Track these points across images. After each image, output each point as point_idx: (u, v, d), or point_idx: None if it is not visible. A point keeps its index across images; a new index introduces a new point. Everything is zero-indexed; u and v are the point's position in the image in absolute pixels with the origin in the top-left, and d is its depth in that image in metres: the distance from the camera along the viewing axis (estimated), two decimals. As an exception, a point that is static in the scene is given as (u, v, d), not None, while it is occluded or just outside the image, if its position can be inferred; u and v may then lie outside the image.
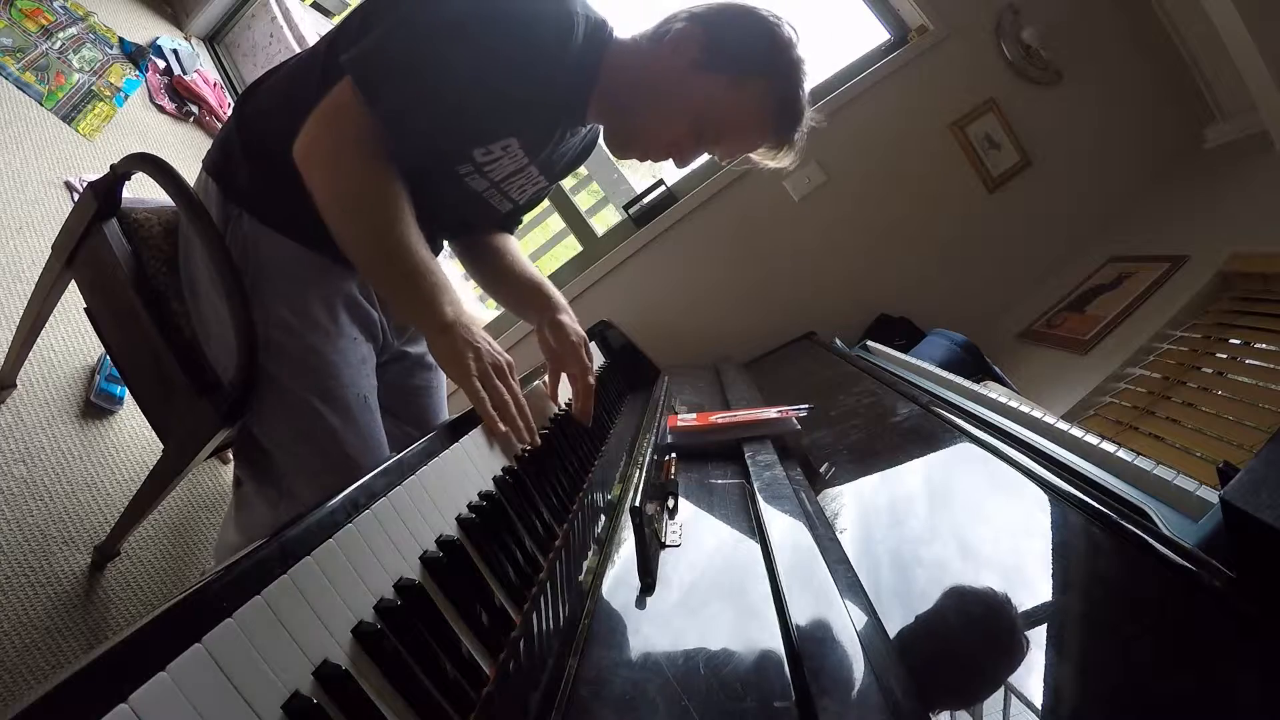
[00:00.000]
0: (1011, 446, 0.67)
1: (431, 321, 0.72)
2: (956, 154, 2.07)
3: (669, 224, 1.99)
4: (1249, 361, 1.36)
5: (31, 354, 1.21)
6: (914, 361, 1.36)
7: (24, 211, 1.45)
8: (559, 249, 2.69)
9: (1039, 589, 0.49)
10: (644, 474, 0.69)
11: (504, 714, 0.43)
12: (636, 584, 0.57)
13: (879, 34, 2.13)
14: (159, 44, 2.14)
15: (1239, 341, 1.43)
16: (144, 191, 0.97)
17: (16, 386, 1.25)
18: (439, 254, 1.05)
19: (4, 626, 1.03)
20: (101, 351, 1.40)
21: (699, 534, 0.67)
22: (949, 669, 0.45)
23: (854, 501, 0.75)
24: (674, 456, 0.85)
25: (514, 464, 0.69)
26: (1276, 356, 1.30)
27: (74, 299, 1.03)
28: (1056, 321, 1.87)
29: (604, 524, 0.74)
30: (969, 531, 0.60)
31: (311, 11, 2.71)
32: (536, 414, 0.76)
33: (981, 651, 0.46)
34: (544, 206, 2.15)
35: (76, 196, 1.56)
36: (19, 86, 1.66)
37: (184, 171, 0.86)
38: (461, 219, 1.01)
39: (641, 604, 0.55)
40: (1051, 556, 0.51)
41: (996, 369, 1.64)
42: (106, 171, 0.90)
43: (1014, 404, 0.89)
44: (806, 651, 0.43)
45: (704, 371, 1.69)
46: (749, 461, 0.82)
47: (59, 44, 1.82)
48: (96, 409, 1.35)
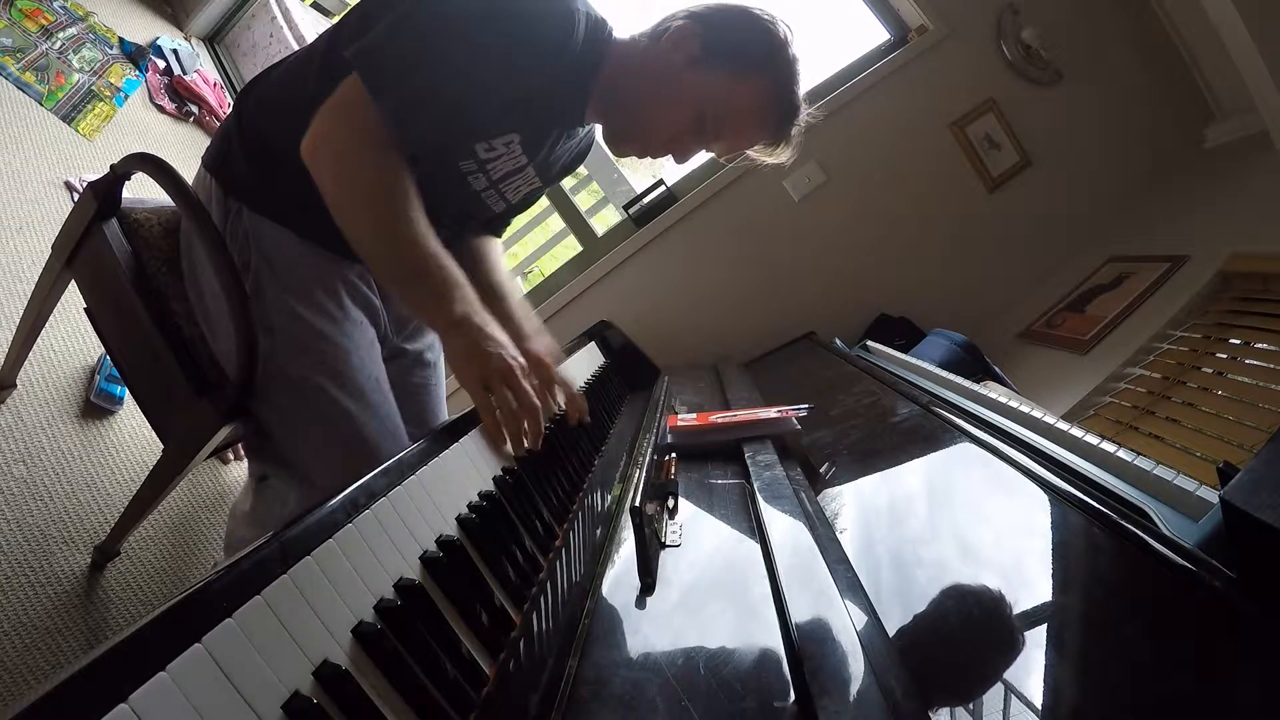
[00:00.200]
0: (1011, 446, 0.67)
1: (441, 318, 0.71)
2: (956, 154, 2.07)
3: (669, 224, 1.99)
4: (1249, 361, 1.36)
5: (31, 354, 1.21)
6: (914, 361, 1.36)
7: (24, 211, 1.45)
8: (559, 249, 2.68)
9: (1039, 589, 0.49)
10: (644, 474, 0.69)
11: (504, 714, 0.43)
12: (636, 584, 0.57)
13: (879, 34, 2.13)
14: (159, 44, 2.14)
15: (1239, 341, 1.43)
16: (144, 191, 0.97)
17: (16, 386, 1.25)
18: None
19: (4, 626, 1.03)
20: (101, 351, 1.40)
21: (699, 534, 0.67)
22: (949, 669, 0.45)
23: (854, 501, 0.75)
24: (674, 456, 0.85)
25: (514, 464, 0.69)
26: (1276, 356, 1.30)
27: (74, 299, 1.03)
28: (1056, 321, 1.87)
29: (604, 524, 0.73)
30: (969, 531, 0.60)
31: (311, 11, 2.72)
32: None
33: (981, 652, 0.46)
34: (544, 206, 2.15)
35: (76, 196, 1.56)
36: (19, 86, 1.66)
37: (184, 172, 0.86)
38: (459, 219, 1.01)
39: (641, 604, 0.55)
40: (1051, 556, 0.51)
41: (996, 369, 1.64)
42: (106, 171, 0.90)
43: (1014, 404, 0.89)
44: (806, 651, 0.43)
45: (704, 371, 1.69)
46: (749, 461, 0.82)
47: (59, 44, 1.82)
48: (96, 409, 1.35)
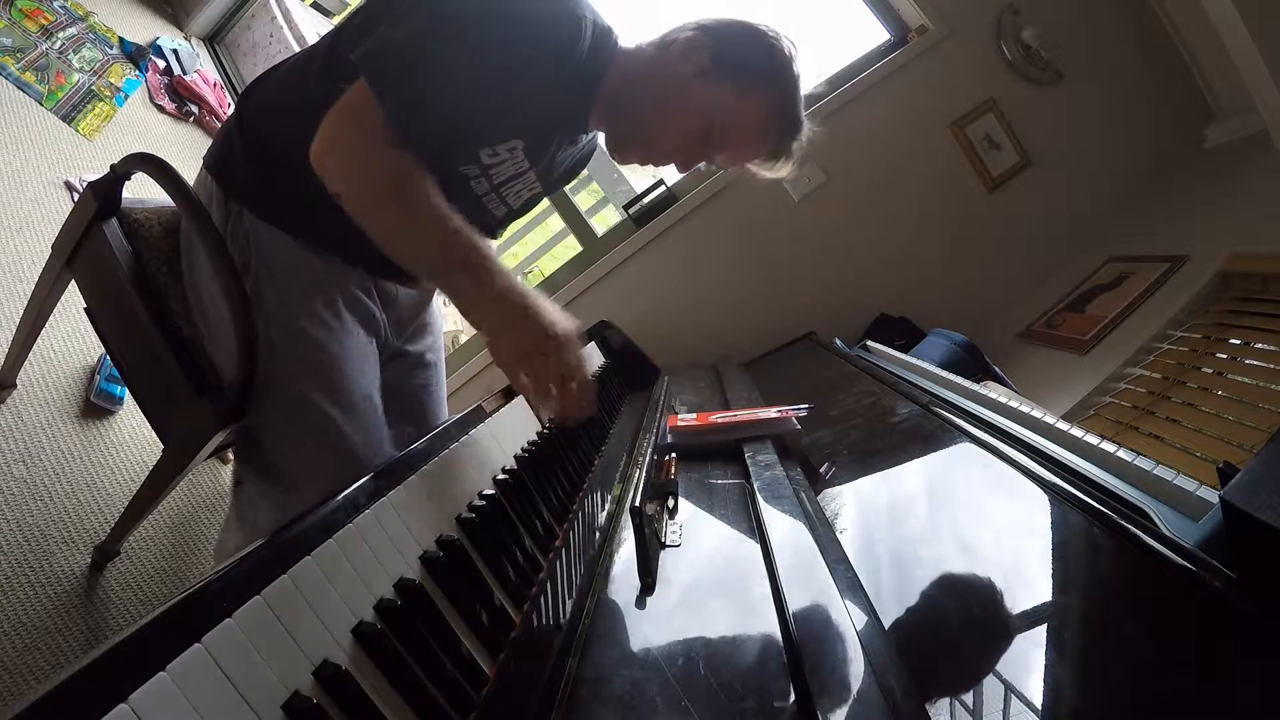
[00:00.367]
0: (1011, 446, 0.67)
1: (483, 297, 0.68)
2: (956, 154, 2.07)
3: (669, 224, 1.99)
4: (1249, 361, 1.36)
5: (31, 354, 1.21)
6: (914, 361, 1.36)
7: (24, 211, 1.45)
8: (559, 249, 2.69)
9: (1039, 589, 0.49)
10: (644, 474, 0.69)
11: (504, 714, 0.43)
12: (636, 584, 0.57)
13: (879, 34, 2.13)
14: (159, 44, 2.14)
15: (1239, 341, 1.43)
16: (144, 191, 0.97)
17: (16, 386, 1.25)
18: None
19: (4, 626, 1.03)
20: (101, 351, 1.40)
21: (699, 534, 0.67)
22: (949, 669, 0.45)
23: (854, 501, 0.75)
24: (674, 456, 0.85)
25: (514, 464, 0.69)
26: (1276, 356, 1.30)
27: (74, 299, 1.03)
28: (1056, 321, 1.87)
29: (604, 524, 0.73)
30: (969, 531, 0.60)
31: (311, 11, 2.72)
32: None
33: (981, 651, 0.46)
34: (544, 206, 2.15)
35: (76, 196, 1.56)
36: (19, 86, 1.66)
37: (184, 172, 0.86)
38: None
39: (641, 604, 0.56)
40: (1051, 556, 0.51)
41: (996, 369, 1.64)
42: (106, 171, 0.90)
43: (1014, 404, 0.89)
44: (806, 651, 0.43)
45: (704, 371, 1.69)
46: (749, 461, 0.82)
47: (59, 44, 1.82)
48: (96, 409, 1.35)
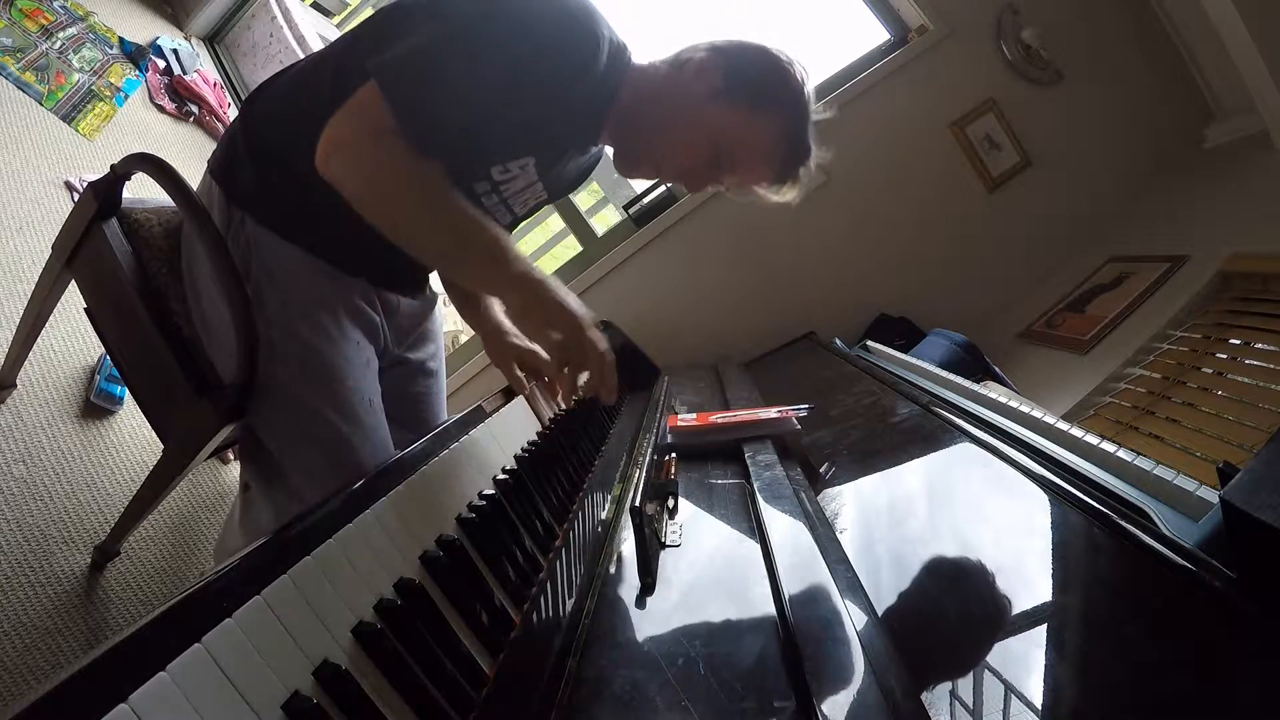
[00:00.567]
0: (1011, 446, 0.67)
1: (501, 280, 0.70)
2: (956, 154, 2.07)
3: (669, 224, 1.98)
4: (1249, 361, 1.36)
5: (31, 354, 1.21)
6: (914, 361, 1.36)
7: (24, 211, 1.45)
8: (559, 249, 2.69)
9: (1039, 589, 0.49)
10: (644, 474, 0.69)
11: (504, 714, 0.43)
12: (636, 584, 0.57)
13: (879, 34, 2.13)
14: (159, 44, 2.14)
15: (1239, 341, 1.43)
16: (144, 191, 0.97)
17: (16, 386, 1.25)
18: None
19: (4, 626, 1.03)
20: (101, 351, 1.40)
21: (699, 534, 0.67)
22: (948, 669, 0.45)
23: (854, 501, 0.75)
24: (674, 456, 0.85)
25: (514, 464, 0.69)
26: (1276, 356, 1.30)
27: (74, 299, 1.03)
28: (1056, 321, 1.87)
29: (604, 524, 0.73)
30: (969, 531, 0.60)
31: (311, 11, 2.72)
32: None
33: (981, 651, 0.46)
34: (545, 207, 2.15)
35: (76, 196, 1.56)
36: (19, 86, 1.66)
37: (184, 172, 0.86)
38: None
39: (641, 604, 0.56)
40: (1052, 556, 0.51)
41: (996, 369, 1.64)
42: (106, 171, 0.89)
43: (1014, 404, 0.89)
44: (806, 651, 0.43)
45: (704, 371, 1.69)
46: (749, 461, 0.82)
47: (59, 44, 1.82)
48: (96, 409, 1.35)
